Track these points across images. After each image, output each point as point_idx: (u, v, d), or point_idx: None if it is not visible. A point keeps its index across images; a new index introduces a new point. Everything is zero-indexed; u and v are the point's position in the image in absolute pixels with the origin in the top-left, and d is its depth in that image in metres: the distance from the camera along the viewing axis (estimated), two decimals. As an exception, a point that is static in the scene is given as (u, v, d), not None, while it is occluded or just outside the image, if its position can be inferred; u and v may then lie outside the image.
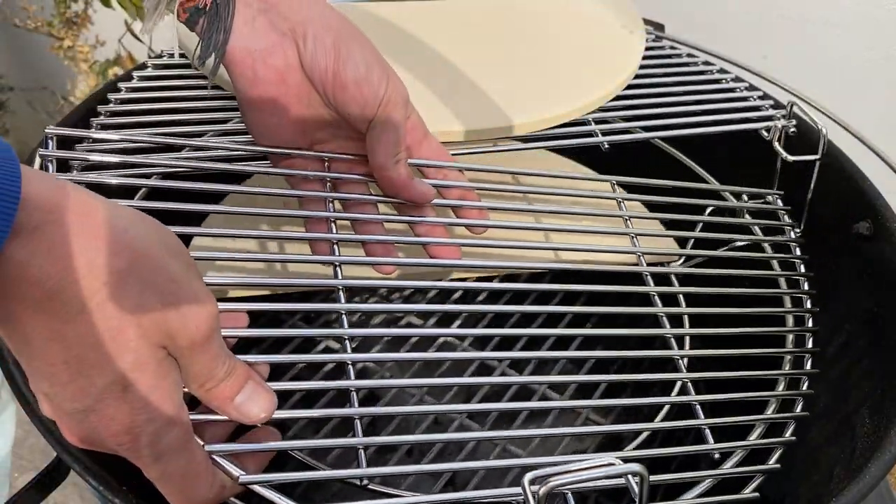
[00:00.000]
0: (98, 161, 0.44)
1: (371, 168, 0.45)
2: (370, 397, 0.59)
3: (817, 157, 0.56)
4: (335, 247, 0.44)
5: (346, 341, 0.41)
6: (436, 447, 0.48)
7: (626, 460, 0.32)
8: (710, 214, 0.61)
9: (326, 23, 0.44)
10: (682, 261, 0.59)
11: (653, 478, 0.35)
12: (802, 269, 0.56)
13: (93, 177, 0.43)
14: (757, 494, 0.43)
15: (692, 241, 0.59)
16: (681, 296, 0.54)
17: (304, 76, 0.44)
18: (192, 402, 0.36)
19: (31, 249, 0.30)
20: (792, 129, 0.58)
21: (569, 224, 0.60)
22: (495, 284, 0.45)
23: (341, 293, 0.42)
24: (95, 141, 0.48)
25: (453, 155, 0.53)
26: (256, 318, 0.42)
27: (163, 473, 0.35)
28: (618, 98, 0.57)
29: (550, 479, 0.32)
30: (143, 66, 0.58)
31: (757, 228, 0.59)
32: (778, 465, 0.44)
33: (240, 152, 0.49)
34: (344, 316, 0.41)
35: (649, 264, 0.55)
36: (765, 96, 0.62)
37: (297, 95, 0.45)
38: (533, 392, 0.54)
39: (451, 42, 0.59)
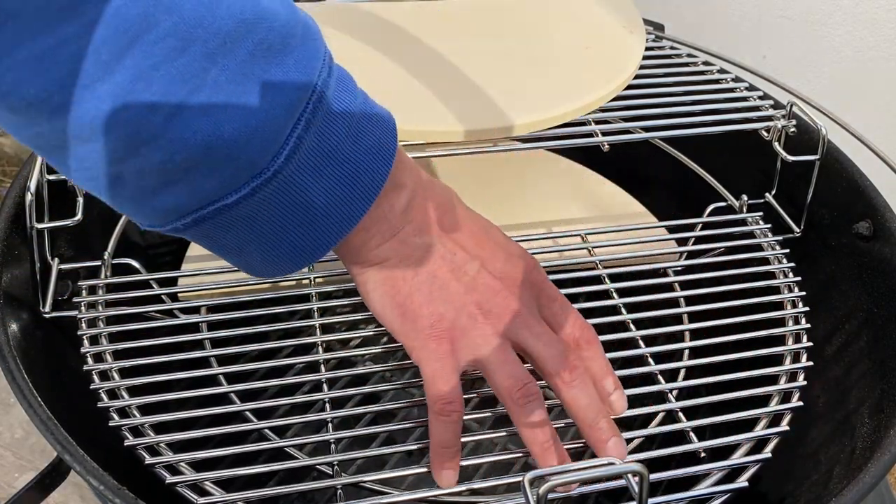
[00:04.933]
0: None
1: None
2: (371, 398, 0.59)
3: (817, 157, 0.56)
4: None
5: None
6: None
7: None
8: (709, 214, 0.61)
9: None
10: (682, 258, 0.60)
11: (652, 476, 0.35)
12: (790, 273, 0.56)
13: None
14: (746, 484, 0.43)
15: (692, 240, 0.59)
16: (681, 299, 0.54)
17: None
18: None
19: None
20: (792, 130, 0.58)
21: (573, 229, 0.60)
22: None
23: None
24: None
25: (453, 154, 0.53)
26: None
27: None
28: (618, 98, 0.57)
29: (550, 479, 0.32)
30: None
31: (756, 230, 0.59)
32: (770, 455, 0.44)
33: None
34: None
35: (649, 265, 0.55)
36: (764, 96, 0.62)
37: None
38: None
39: (452, 42, 0.59)
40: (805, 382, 0.49)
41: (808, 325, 0.52)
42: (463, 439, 0.45)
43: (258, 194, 0.32)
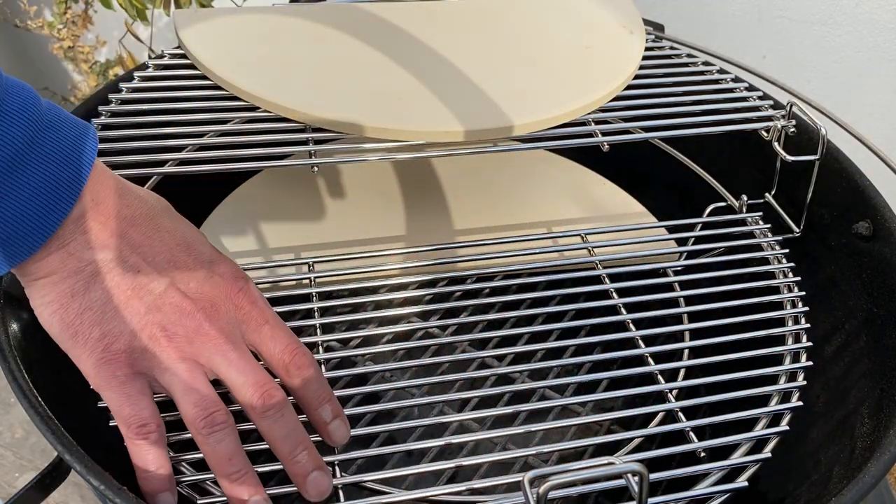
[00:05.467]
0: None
1: None
2: (371, 397, 0.59)
3: (817, 157, 0.56)
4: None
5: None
6: (435, 448, 0.48)
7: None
8: (709, 214, 0.61)
9: None
10: (682, 258, 0.60)
11: (652, 476, 0.35)
12: (790, 273, 0.56)
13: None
14: (746, 484, 0.43)
15: (692, 240, 0.59)
16: (681, 299, 0.54)
17: None
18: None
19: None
20: (791, 130, 0.58)
21: (573, 229, 0.60)
22: (494, 283, 0.46)
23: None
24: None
25: (453, 154, 0.53)
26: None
27: None
28: (618, 98, 0.57)
29: (550, 479, 0.32)
30: (143, 67, 0.58)
31: (756, 230, 0.59)
32: (769, 455, 0.44)
33: (243, 151, 0.50)
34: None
35: (649, 265, 0.55)
36: (764, 96, 0.62)
37: None
38: (532, 392, 0.54)
39: (452, 42, 0.59)
40: (805, 382, 0.49)
41: (808, 325, 0.52)
42: (463, 439, 0.45)
43: None
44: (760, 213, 0.60)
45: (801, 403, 0.47)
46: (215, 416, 0.38)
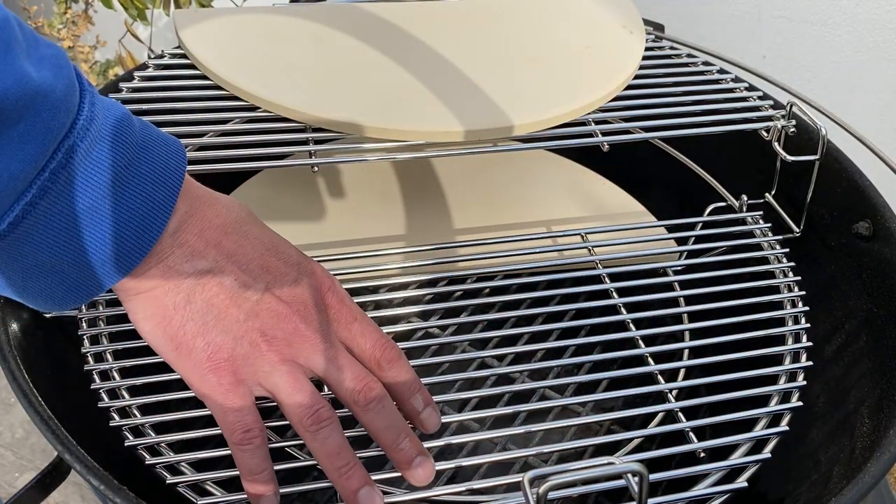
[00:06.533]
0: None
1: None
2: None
3: (817, 157, 0.56)
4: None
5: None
6: (435, 449, 0.48)
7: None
8: (709, 214, 0.61)
9: None
10: (682, 258, 0.60)
11: (652, 476, 0.35)
12: (790, 273, 0.56)
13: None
14: (746, 484, 0.43)
15: (692, 240, 0.59)
16: (681, 298, 0.54)
17: None
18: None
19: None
20: (791, 130, 0.58)
21: (573, 228, 0.60)
22: (497, 282, 0.46)
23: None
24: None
25: (453, 154, 0.53)
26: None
27: None
28: (618, 98, 0.57)
29: (550, 479, 0.32)
30: (143, 67, 0.58)
31: (756, 230, 0.59)
32: (769, 455, 0.44)
33: (243, 151, 0.50)
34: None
35: (649, 265, 0.55)
36: (764, 96, 0.62)
37: None
38: (532, 392, 0.54)
39: (452, 42, 0.59)
40: (804, 382, 0.49)
41: (808, 325, 0.52)
42: (463, 439, 0.45)
43: None
44: (760, 213, 0.60)
45: (801, 403, 0.47)
46: (321, 413, 0.39)
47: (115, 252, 0.35)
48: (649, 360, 0.49)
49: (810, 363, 0.50)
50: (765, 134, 0.59)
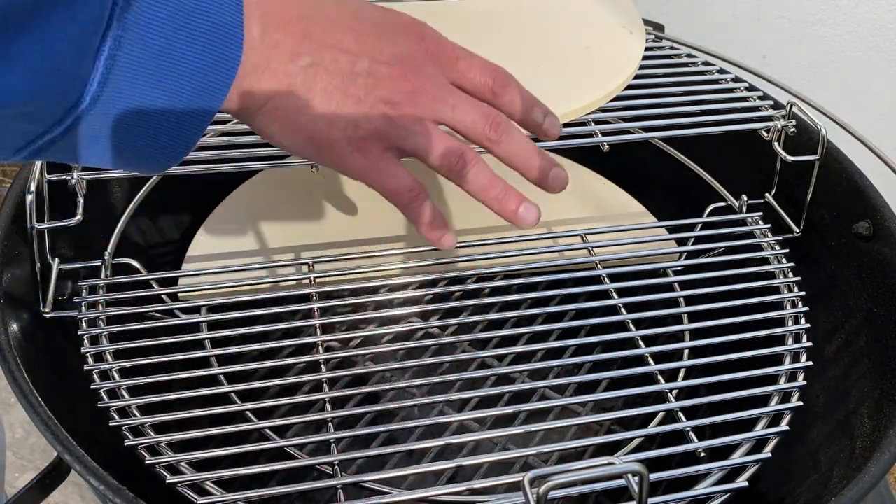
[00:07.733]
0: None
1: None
2: (371, 398, 0.59)
3: (817, 157, 0.56)
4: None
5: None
6: (435, 449, 0.49)
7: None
8: (709, 214, 0.61)
9: None
10: (682, 258, 0.60)
11: (652, 476, 0.35)
12: (790, 273, 0.56)
13: (95, 173, 0.43)
14: (746, 484, 0.43)
15: (692, 240, 0.59)
16: (681, 299, 0.54)
17: None
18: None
19: None
20: (791, 130, 0.58)
21: (573, 229, 0.60)
22: (496, 283, 0.45)
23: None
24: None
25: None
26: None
27: None
28: (618, 98, 0.57)
29: (550, 479, 0.32)
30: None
31: (756, 230, 0.59)
32: (769, 455, 0.44)
33: (243, 151, 0.50)
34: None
35: (649, 265, 0.55)
36: (764, 96, 0.62)
37: None
38: (532, 392, 0.54)
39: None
40: (805, 382, 0.49)
41: (808, 325, 0.52)
42: (463, 439, 0.45)
43: (82, 123, 0.32)
44: (760, 213, 0.60)
45: (801, 403, 0.47)
46: (466, 155, 0.41)
47: (212, 66, 0.34)
48: (649, 360, 0.49)
49: (810, 363, 0.50)
50: (765, 134, 0.59)
